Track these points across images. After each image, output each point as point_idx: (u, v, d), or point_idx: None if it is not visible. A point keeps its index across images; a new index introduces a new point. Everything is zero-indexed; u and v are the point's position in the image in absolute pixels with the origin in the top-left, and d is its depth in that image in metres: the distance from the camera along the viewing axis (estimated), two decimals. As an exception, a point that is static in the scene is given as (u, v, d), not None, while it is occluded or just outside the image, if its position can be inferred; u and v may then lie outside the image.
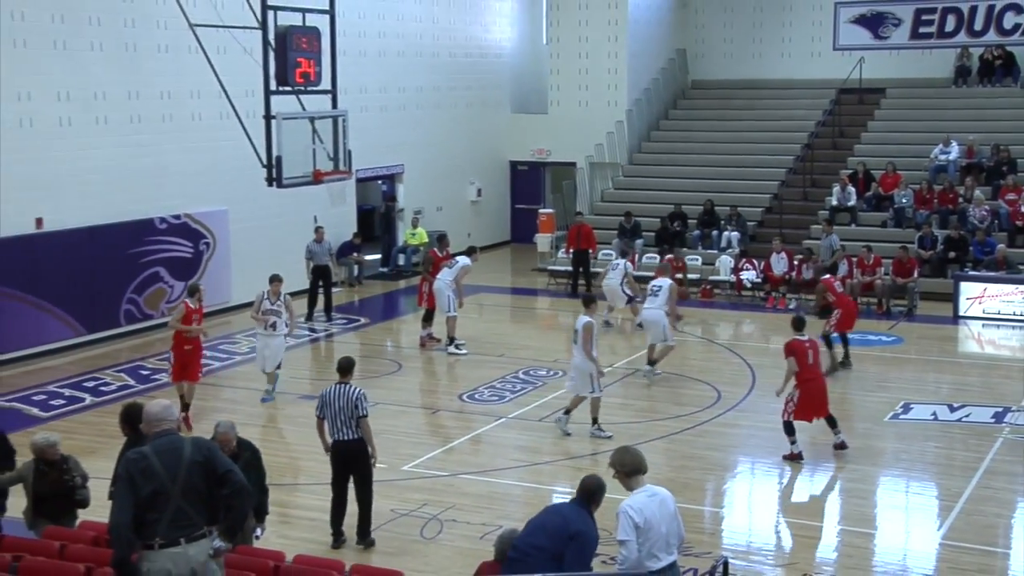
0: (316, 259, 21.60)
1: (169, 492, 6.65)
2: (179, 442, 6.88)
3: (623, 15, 29.05)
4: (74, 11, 19.05)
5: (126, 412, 9.54)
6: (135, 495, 6.61)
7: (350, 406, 10.92)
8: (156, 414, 7.00)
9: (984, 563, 11.12)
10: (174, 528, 6.65)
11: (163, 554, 6.61)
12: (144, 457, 6.71)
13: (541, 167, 31.05)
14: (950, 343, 20.64)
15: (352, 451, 11.00)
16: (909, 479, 13.55)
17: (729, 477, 13.85)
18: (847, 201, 25.34)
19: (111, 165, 19.82)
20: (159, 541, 6.62)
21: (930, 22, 28.90)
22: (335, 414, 10.96)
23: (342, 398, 10.96)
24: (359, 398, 10.97)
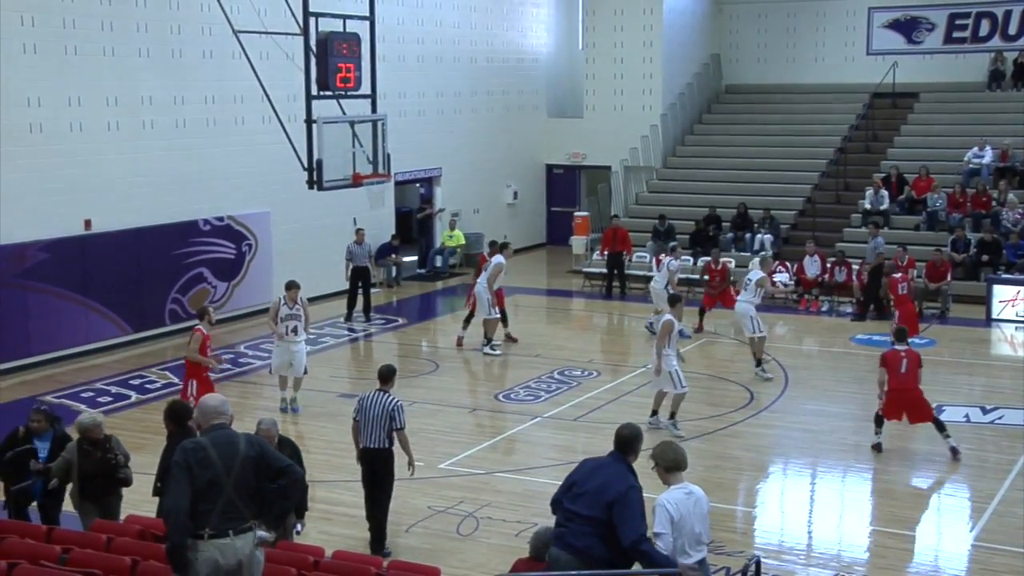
0: (356, 260, 21.56)
1: (223, 484, 6.68)
2: (235, 436, 6.92)
3: (658, 20, 28.98)
4: (122, 19, 19.22)
5: (171, 409, 9.64)
6: (192, 483, 6.64)
7: (385, 416, 10.75)
8: (214, 407, 7.05)
9: (1016, 565, 11.00)
10: (224, 520, 6.68)
11: (211, 544, 6.64)
12: (202, 447, 6.75)
13: (576, 170, 31.02)
14: (983, 346, 20.43)
15: (378, 458, 10.84)
16: (942, 480, 13.42)
17: (762, 477, 13.78)
18: (880, 204, 25.14)
19: (157, 168, 19.98)
20: (208, 532, 6.65)
21: (964, 27, 28.62)
22: (368, 421, 10.81)
23: (378, 406, 10.81)
24: (396, 409, 10.79)
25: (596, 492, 7.45)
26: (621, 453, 7.68)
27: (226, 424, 7.01)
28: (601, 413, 15.77)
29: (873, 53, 29.37)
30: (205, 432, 6.92)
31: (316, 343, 20.15)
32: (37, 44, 17.96)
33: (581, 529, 7.42)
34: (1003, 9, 28.07)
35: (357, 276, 21.62)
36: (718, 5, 31.38)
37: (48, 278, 18.25)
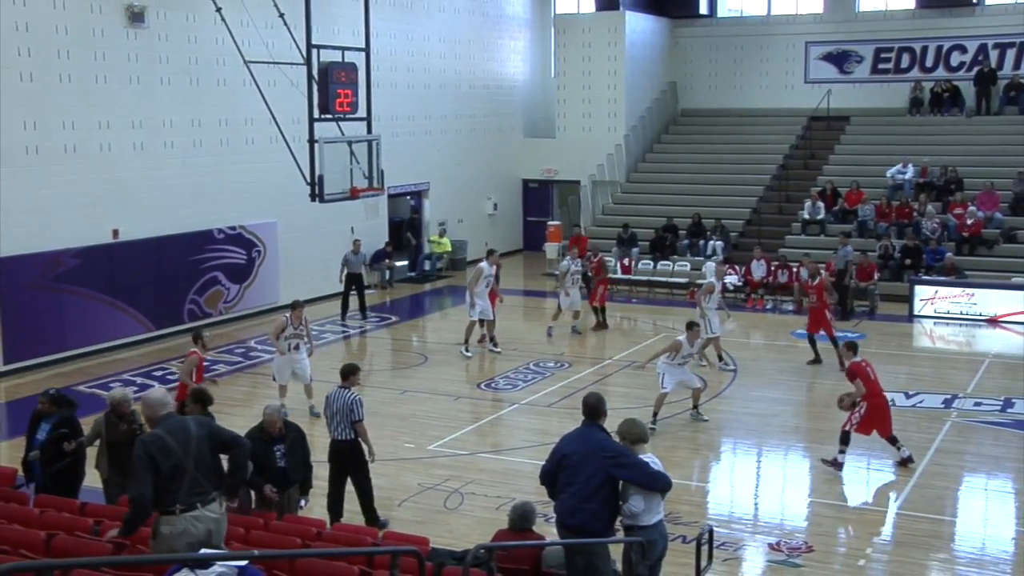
0: (351, 267, 21.43)
1: (185, 465, 6.75)
2: (185, 422, 7.01)
3: (621, 52, 29.05)
4: (147, 51, 19.17)
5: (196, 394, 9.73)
6: (155, 471, 6.70)
7: (346, 409, 10.58)
8: (159, 399, 7.05)
9: (935, 530, 11.12)
10: (191, 495, 6.78)
11: (183, 518, 6.75)
12: (160, 438, 6.79)
13: (549, 184, 31.05)
14: (906, 339, 20.59)
15: (346, 450, 10.66)
16: (870, 457, 13.51)
17: (714, 456, 13.86)
18: (817, 215, 25.30)
19: (176, 184, 19.92)
20: (179, 507, 6.75)
21: (888, 59, 28.94)
22: (333, 415, 10.65)
23: (339, 401, 10.64)
24: (355, 403, 10.60)
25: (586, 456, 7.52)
26: (593, 420, 7.74)
27: (173, 412, 7.07)
28: (572, 400, 15.78)
29: (810, 81, 29.62)
30: (157, 423, 6.93)
31: (319, 339, 20.12)
32: (71, 74, 17.90)
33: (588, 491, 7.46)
34: (921, 44, 28.45)
35: (351, 281, 21.51)
36: (675, 38, 31.47)
37: (80, 281, 18.17)
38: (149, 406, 7.03)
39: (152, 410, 7.00)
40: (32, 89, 17.36)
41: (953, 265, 22.30)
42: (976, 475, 12.91)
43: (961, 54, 28.11)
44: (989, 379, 16.90)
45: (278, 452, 9.55)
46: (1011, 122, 26.96)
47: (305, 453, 9.90)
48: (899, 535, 11.03)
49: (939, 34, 28.28)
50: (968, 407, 15.28)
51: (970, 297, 21.40)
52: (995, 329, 20.79)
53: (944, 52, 28.29)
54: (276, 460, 9.51)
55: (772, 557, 10.40)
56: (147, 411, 7.04)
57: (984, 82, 27.51)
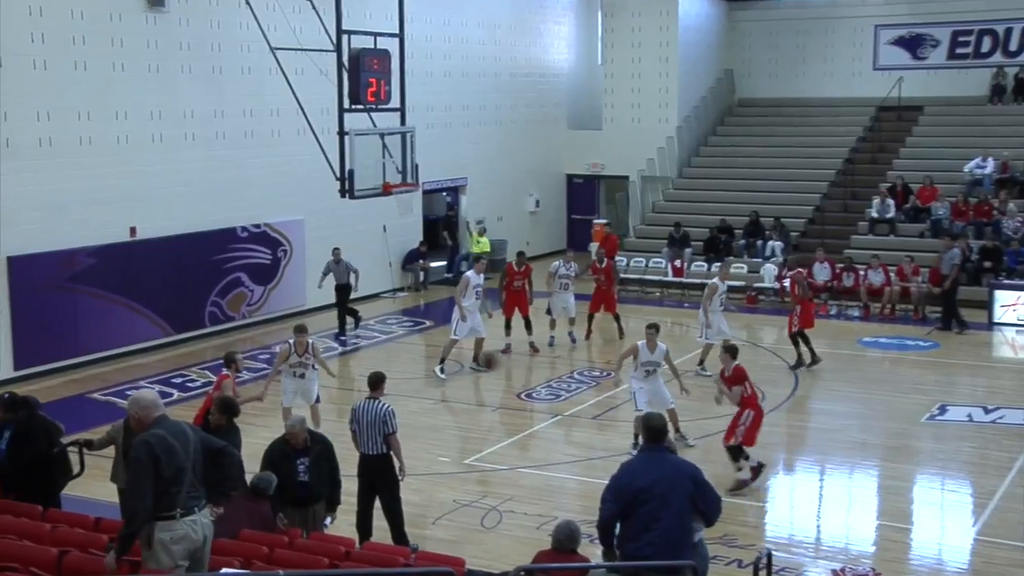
0: (336, 278, 20.65)
1: (186, 468, 6.89)
2: (181, 424, 7.14)
3: (674, 37, 28.93)
4: (166, 37, 19.35)
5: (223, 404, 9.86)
6: (159, 475, 6.78)
7: (379, 422, 10.49)
8: (152, 401, 7.16)
9: (1017, 558, 10.93)
10: (189, 499, 6.91)
11: (183, 523, 6.86)
12: (165, 439, 6.89)
13: (596, 180, 31.00)
14: (985, 348, 20.29)
15: (377, 466, 10.60)
16: (945, 477, 13.34)
17: (772, 473, 13.72)
18: (886, 213, 25.02)
19: (198, 178, 20.10)
20: (180, 511, 6.85)
21: (966, 43, 28.53)
22: (363, 429, 10.58)
23: (371, 413, 10.53)
24: (387, 415, 10.51)
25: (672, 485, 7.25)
26: (659, 443, 7.52)
27: (166, 415, 7.15)
28: (619, 412, 15.75)
29: (879, 68, 29.30)
30: (151, 425, 6.99)
31: (348, 344, 20.24)
32: (87, 62, 18.11)
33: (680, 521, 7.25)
34: (1004, 26, 27.98)
35: (340, 294, 20.82)
36: (732, 22, 31.30)
37: (96, 282, 18.38)
38: (142, 407, 7.07)
39: (145, 411, 7.05)
40: (45, 78, 17.58)
41: (1037, 268, 21.97)
42: (1062, 498, 12.68)
43: (1049, 36, 27.68)
44: (1077, 393, 16.63)
45: (301, 466, 9.59)
46: (1102, 112, 26.53)
47: (332, 467, 9.92)
48: (977, 563, 10.86)
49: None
50: (1053, 423, 15.03)
51: (1056, 303, 21.07)
52: (1084, 338, 20.45)
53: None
54: (298, 474, 9.53)
55: (836, 584, 10.29)
56: (139, 412, 7.06)
57: (1074, 68, 27.09)
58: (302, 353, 14.09)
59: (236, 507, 8.81)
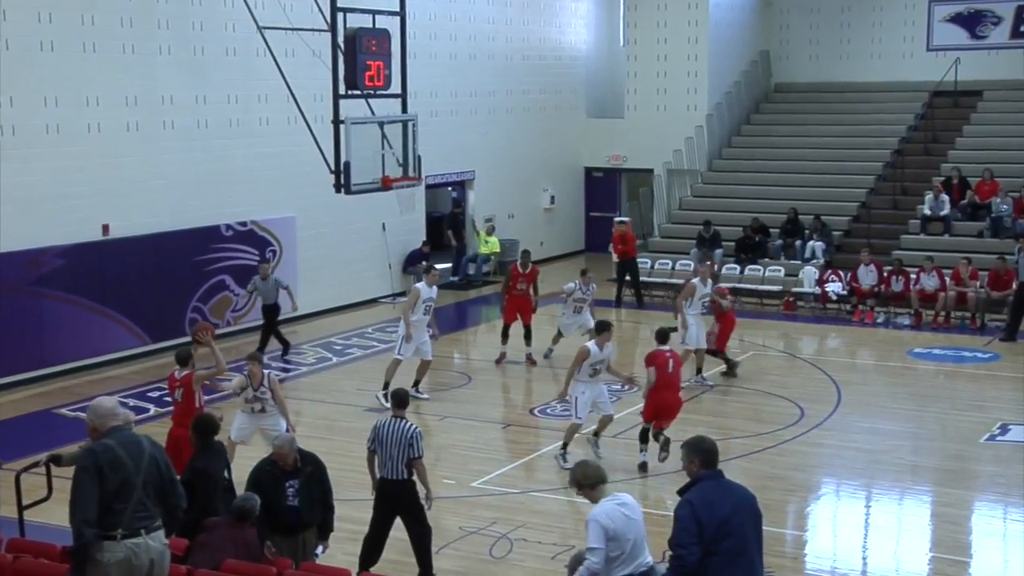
0: (263, 297, 19.49)
1: (134, 483, 6.94)
2: (137, 436, 7.22)
3: (704, 16, 28.93)
4: (142, 15, 19.39)
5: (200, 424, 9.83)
6: (102, 487, 6.86)
7: (404, 444, 10.38)
8: (109, 409, 7.20)
9: (1086, 595, 10.86)
10: (135, 519, 6.95)
11: (124, 545, 6.89)
12: (111, 449, 6.96)
13: (617, 174, 31.02)
14: (1051, 360, 20.19)
15: (401, 491, 10.52)
16: (1007, 504, 13.26)
17: (813, 499, 13.69)
18: (940, 210, 24.94)
19: (178, 171, 20.14)
20: (122, 532, 6.90)
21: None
22: (387, 450, 10.43)
23: (395, 433, 10.43)
24: (415, 437, 10.40)
25: (746, 512, 7.22)
26: (716, 467, 7.39)
27: (123, 425, 7.21)
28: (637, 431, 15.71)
29: (934, 49, 29.24)
30: (106, 434, 7.08)
31: (343, 354, 20.26)
32: (54, 41, 18.14)
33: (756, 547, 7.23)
34: (1074, 1, 27.86)
35: (267, 314, 19.59)
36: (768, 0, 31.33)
37: (64, 285, 18.41)
38: (98, 415, 7.14)
39: (101, 420, 7.12)
40: (8, 59, 17.59)
41: (1109, 271, 21.85)
42: None
43: None
44: None
45: (290, 489, 9.56)
46: None
47: (325, 490, 9.89)
48: (1042, 599, 10.79)
49: (1095, -12, 27.77)
50: None
51: None
52: None
53: (1105, 9, 27.80)
54: (287, 498, 9.51)
55: (885, 623, 10.25)
56: (95, 420, 7.14)
57: None
58: (257, 386, 12.98)
59: (218, 534, 8.80)
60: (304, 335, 21.55)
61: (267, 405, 13.04)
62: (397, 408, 10.75)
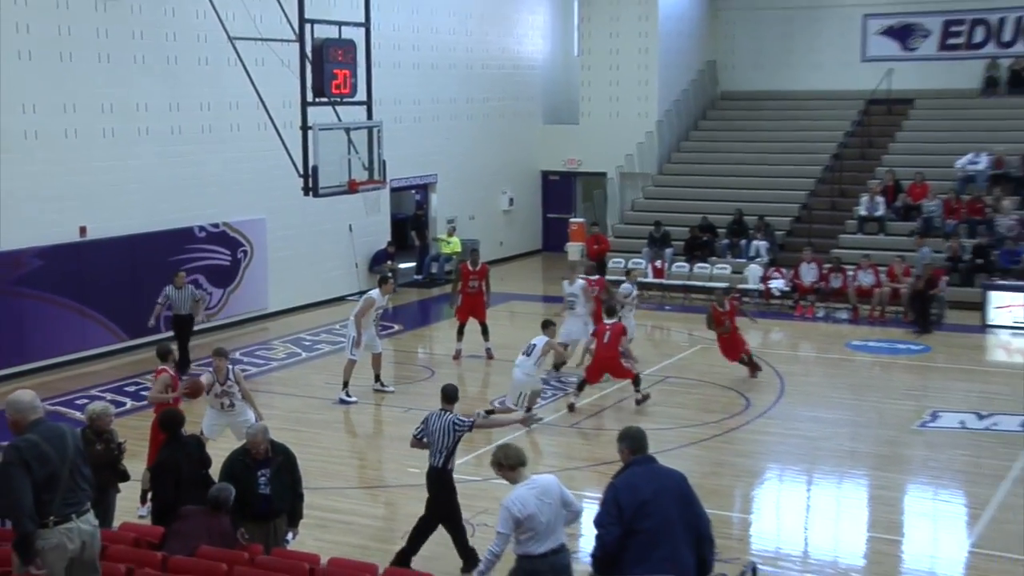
0: (175, 307, 18.11)
1: (61, 474, 7.02)
2: (60, 427, 7.27)
3: (653, 27, 29.02)
4: (117, 25, 19.22)
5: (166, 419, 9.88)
6: (32, 478, 6.92)
7: (446, 433, 10.81)
8: (29, 403, 7.23)
9: (1014, 571, 11.00)
10: (65, 506, 7.05)
11: (57, 531, 7.00)
12: (35, 444, 7.01)
13: (572, 177, 31.05)
14: (978, 352, 20.44)
15: (438, 477, 10.84)
16: (937, 487, 13.42)
17: (758, 484, 13.78)
18: (875, 211, 25.17)
19: (152, 175, 19.98)
20: (53, 519, 7.00)
21: (958, 33, 28.78)
22: (435, 440, 10.80)
23: (441, 425, 10.85)
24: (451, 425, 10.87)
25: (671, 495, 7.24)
26: (645, 452, 7.51)
27: (43, 418, 7.24)
28: (598, 420, 15.78)
29: (868, 60, 29.52)
30: (28, 428, 7.12)
31: (311, 350, 20.18)
32: (32, 51, 17.95)
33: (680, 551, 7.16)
34: (997, 16, 28.26)
35: (178, 325, 18.28)
36: (714, 11, 31.44)
37: (43, 285, 18.23)
38: (18, 410, 7.18)
39: (21, 415, 7.16)
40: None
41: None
42: (1059, 507, 12.78)
43: (1045, 26, 27.99)
44: (1073, 398, 16.77)
45: (262, 478, 9.52)
46: (1100, 105, 26.80)
47: (295, 479, 9.86)
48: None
49: (1019, 3, 28.07)
50: (1050, 429, 15.15)
51: (1051, 304, 21.25)
52: (1080, 341, 20.64)
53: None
54: (259, 487, 9.48)
55: (825, 599, 10.33)
56: (15, 415, 7.18)
57: (1070, 59, 27.36)
58: (223, 380, 12.77)
59: (193, 522, 8.76)
60: (274, 332, 21.45)
61: (234, 399, 12.85)
62: (445, 403, 11.02)
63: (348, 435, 15.92)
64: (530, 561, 7.85)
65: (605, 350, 16.18)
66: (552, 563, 7.90)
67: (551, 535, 7.91)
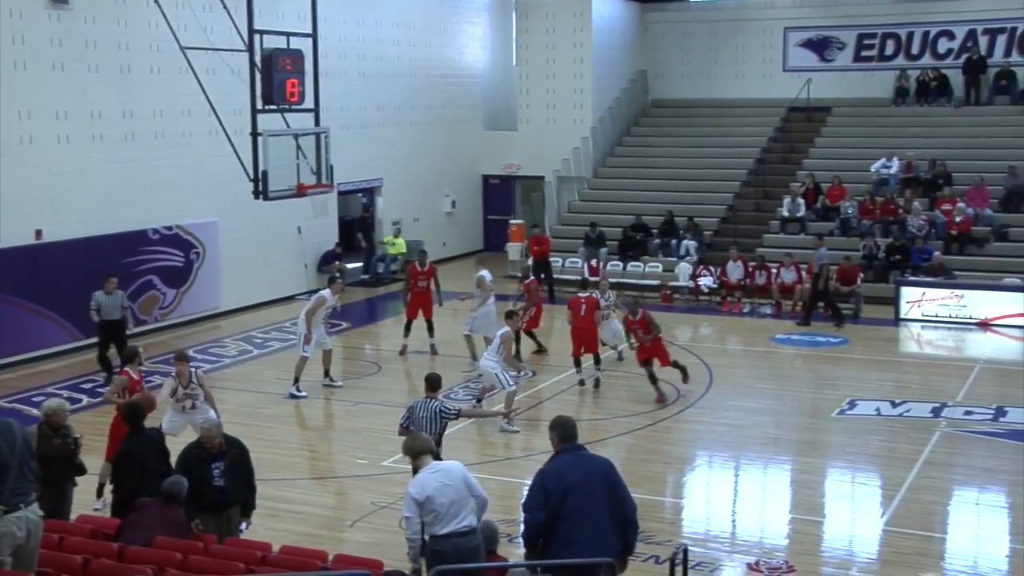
0: (104, 312, 17.20)
1: (10, 465, 7.01)
2: (8, 422, 7.25)
3: (587, 38, 29.13)
4: (71, 35, 18.92)
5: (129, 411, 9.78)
6: None
7: (433, 419, 11.00)
8: None
9: (923, 547, 11.20)
10: (14, 496, 7.04)
11: (7, 519, 7.00)
12: None
13: (511, 181, 31.06)
14: (892, 344, 20.78)
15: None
16: (855, 470, 13.64)
17: (688, 470, 13.90)
18: (796, 212, 25.50)
19: (107, 180, 19.70)
20: (3, 508, 7.00)
21: (871, 46, 29.28)
22: (422, 428, 10.84)
23: (428, 412, 11.04)
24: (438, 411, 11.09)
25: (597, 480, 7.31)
26: (574, 440, 7.60)
27: None
28: (535, 411, 15.82)
29: (789, 70, 29.90)
30: None
31: (263, 347, 20.02)
32: (-12, 59, 17.62)
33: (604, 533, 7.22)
34: (906, 30, 28.83)
35: (108, 330, 17.30)
36: (644, 23, 31.63)
37: (1, 286, 17.89)
38: None
39: None
40: (-54, 77, 17.05)
41: (941, 265, 22.55)
42: (967, 488, 13.04)
43: (949, 40, 28.52)
44: (980, 386, 17.10)
45: (216, 471, 9.44)
46: (1002, 112, 27.36)
47: (248, 471, 9.80)
48: (886, 553, 11.10)
49: (926, 19, 28.65)
50: (958, 416, 15.44)
51: (959, 299, 21.63)
52: (986, 333, 21.05)
53: (931, 38, 28.68)
54: (213, 479, 9.41)
55: (751, 578, 10.45)
56: None
57: (973, 70, 27.89)
58: (186, 384, 12.59)
59: (149, 513, 8.66)
60: (227, 329, 21.24)
61: (197, 401, 12.64)
62: (429, 390, 11.20)
63: (299, 428, 15.83)
64: (435, 541, 7.81)
65: (581, 321, 16.60)
66: (456, 544, 7.74)
67: (455, 517, 7.80)
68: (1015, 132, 26.59)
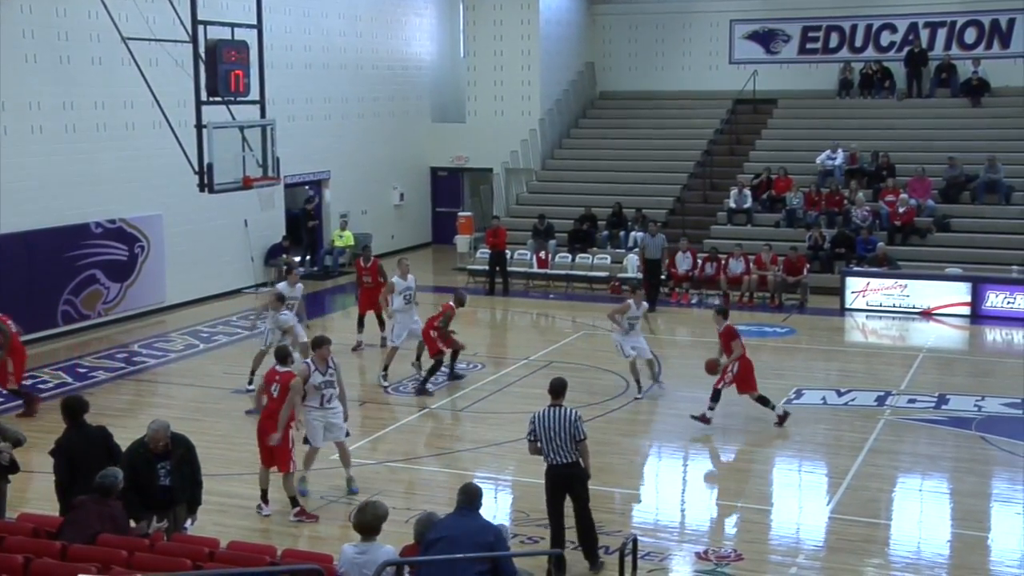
0: None
1: None
2: None
3: (535, 30, 29.13)
4: (8, 24, 18.55)
5: (65, 404, 9.66)
6: None
7: (569, 429, 10.08)
8: None
9: (869, 534, 11.37)
10: None
11: None
12: None
13: (460, 173, 31.01)
14: (838, 333, 21.04)
15: (572, 474, 10.17)
16: (801, 459, 13.80)
17: (638, 460, 13.98)
18: (743, 203, 25.72)
19: (47, 172, 19.37)
20: None
21: (816, 39, 29.60)
22: (551, 439, 10.10)
23: (559, 421, 10.13)
24: (578, 420, 10.17)
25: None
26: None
27: None
28: (485, 403, 15.83)
29: (735, 62, 30.12)
30: None
31: (209, 341, 19.83)
32: (-78, 49, 17.23)
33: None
34: (850, 23, 29.18)
35: None
36: (592, 15, 31.69)
37: (-63, 282, 17.55)
38: None
39: None
40: None
41: (885, 255, 22.86)
42: (911, 475, 13.25)
43: (891, 33, 28.91)
44: (923, 374, 17.37)
45: (162, 470, 9.36)
46: (942, 105, 27.78)
47: (194, 469, 9.73)
48: (832, 540, 11.25)
49: (869, 12, 29.03)
50: (902, 404, 15.67)
51: (903, 289, 21.96)
52: (929, 322, 21.38)
53: (874, 31, 29.07)
54: (159, 478, 9.33)
55: (700, 567, 10.52)
56: None
57: (915, 63, 28.28)
58: (325, 370, 12.02)
59: (86, 510, 8.52)
60: (172, 324, 20.99)
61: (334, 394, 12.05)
62: (555, 397, 10.42)
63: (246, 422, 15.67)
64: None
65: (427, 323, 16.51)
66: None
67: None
68: (955, 124, 27.06)
